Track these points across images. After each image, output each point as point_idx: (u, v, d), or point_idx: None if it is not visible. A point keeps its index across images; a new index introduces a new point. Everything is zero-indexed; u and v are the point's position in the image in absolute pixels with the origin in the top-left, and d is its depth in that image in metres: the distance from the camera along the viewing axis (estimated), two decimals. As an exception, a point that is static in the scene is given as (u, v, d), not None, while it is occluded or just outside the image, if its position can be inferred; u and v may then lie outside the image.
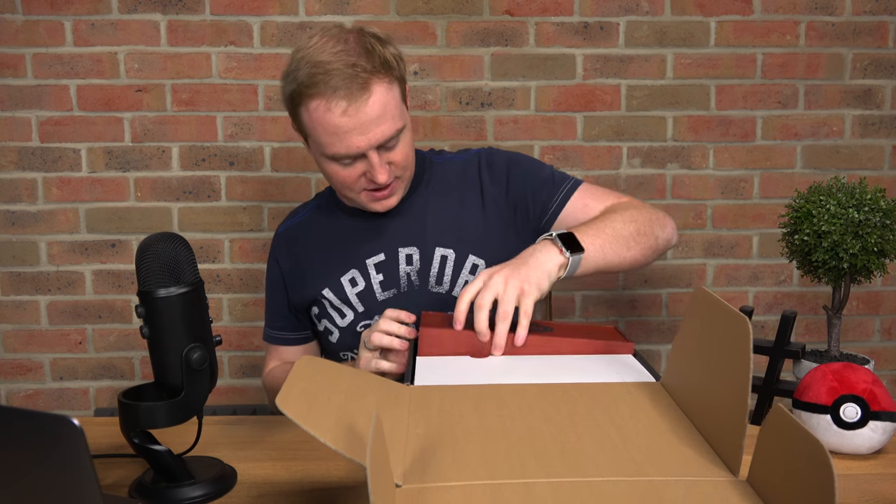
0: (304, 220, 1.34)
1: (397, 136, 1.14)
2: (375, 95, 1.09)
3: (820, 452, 0.49)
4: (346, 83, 1.07)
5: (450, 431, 0.67)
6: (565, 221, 1.23)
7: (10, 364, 1.91)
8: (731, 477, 0.60)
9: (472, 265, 1.23)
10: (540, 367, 0.88)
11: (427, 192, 1.27)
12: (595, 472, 0.60)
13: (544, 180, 1.27)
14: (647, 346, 1.99)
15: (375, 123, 1.10)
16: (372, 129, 1.10)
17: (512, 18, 1.86)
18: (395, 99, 1.13)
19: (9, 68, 1.81)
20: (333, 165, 1.15)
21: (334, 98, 1.07)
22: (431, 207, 1.26)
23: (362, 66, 1.08)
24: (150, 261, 0.82)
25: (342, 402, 0.66)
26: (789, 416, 0.54)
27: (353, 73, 1.07)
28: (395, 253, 1.24)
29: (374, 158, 1.12)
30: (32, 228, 1.87)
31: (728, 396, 0.64)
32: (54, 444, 0.51)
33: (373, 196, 1.18)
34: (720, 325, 0.68)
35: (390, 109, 1.11)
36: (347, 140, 1.10)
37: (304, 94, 1.10)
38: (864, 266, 1.03)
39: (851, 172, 1.94)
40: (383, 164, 1.14)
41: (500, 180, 1.27)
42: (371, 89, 1.08)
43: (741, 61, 1.89)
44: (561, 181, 1.27)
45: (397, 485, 0.58)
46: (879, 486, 0.85)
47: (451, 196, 1.27)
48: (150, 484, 0.85)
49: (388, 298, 1.23)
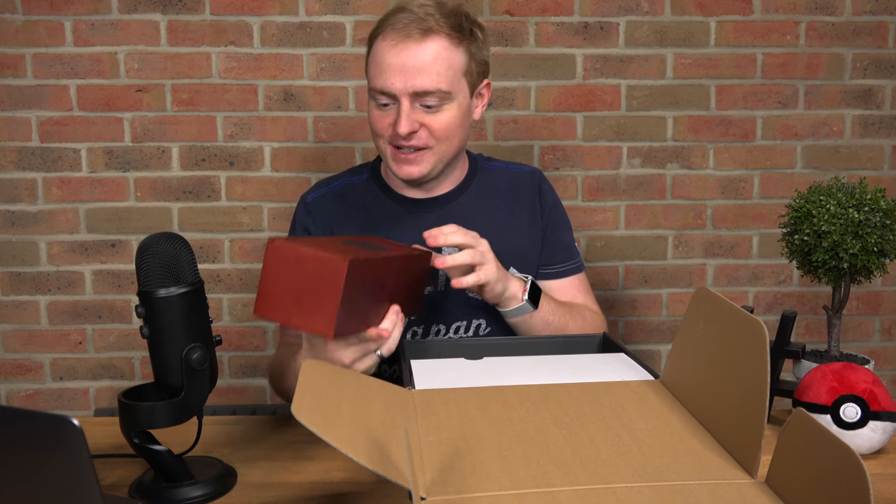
0: (338, 192, 1.28)
1: (441, 100, 1.12)
2: (430, 45, 1.10)
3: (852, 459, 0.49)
4: (410, 24, 1.09)
5: (462, 438, 0.67)
6: (547, 286, 1.27)
7: (10, 364, 1.91)
8: (750, 479, 0.60)
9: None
10: (538, 366, 0.88)
11: (473, 195, 1.27)
12: (617, 479, 0.60)
13: (565, 244, 1.31)
14: (647, 346, 1.99)
15: (418, 70, 1.09)
16: (412, 73, 1.09)
17: (512, 18, 1.85)
18: (453, 63, 1.12)
19: (9, 68, 1.81)
20: (373, 106, 1.16)
21: (393, 31, 1.10)
22: (475, 212, 1.24)
23: (434, 18, 1.10)
24: (150, 261, 0.82)
25: (352, 410, 0.66)
26: (814, 421, 0.54)
27: (420, 18, 1.09)
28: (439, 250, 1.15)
29: (404, 104, 1.11)
30: (32, 228, 1.87)
31: (741, 398, 0.64)
32: (54, 444, 0.51)
33: (397, 155, 1.15)
34: (728, 326, 0.68)
35: (440, 67, 1.10)
36: (386, 74, 1.10)
37: (377, 31, 1.14)
38: (864, 266, 1.03)
39: (851, 172, 1.94)
40: (411, 118, 1.11)
41: (545, 212, 1.30)
42: (429, 37, 1.10)
43: (741, 61, 1.89)
44: (572, 256, 1.31)
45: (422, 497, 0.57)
46: (879, 486, 0.85)
47: (497, 204, 1.27)
48: (150, 484, 0.85)
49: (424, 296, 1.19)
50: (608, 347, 1.01)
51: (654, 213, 1.94)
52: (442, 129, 1.13)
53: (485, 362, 0.91)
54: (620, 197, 1.93)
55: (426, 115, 1.12)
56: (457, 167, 1.25)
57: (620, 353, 0.94)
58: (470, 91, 1.17)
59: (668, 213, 1.94)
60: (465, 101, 1.16)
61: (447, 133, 1.14)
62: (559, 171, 1.91)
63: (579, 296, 1.29)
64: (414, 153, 1.14)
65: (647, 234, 1.95)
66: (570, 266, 1.30)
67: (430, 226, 1.13)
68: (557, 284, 1.28)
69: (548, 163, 1.91)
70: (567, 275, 1.29)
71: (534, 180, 1.30)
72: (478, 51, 1.16)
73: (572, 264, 1.30)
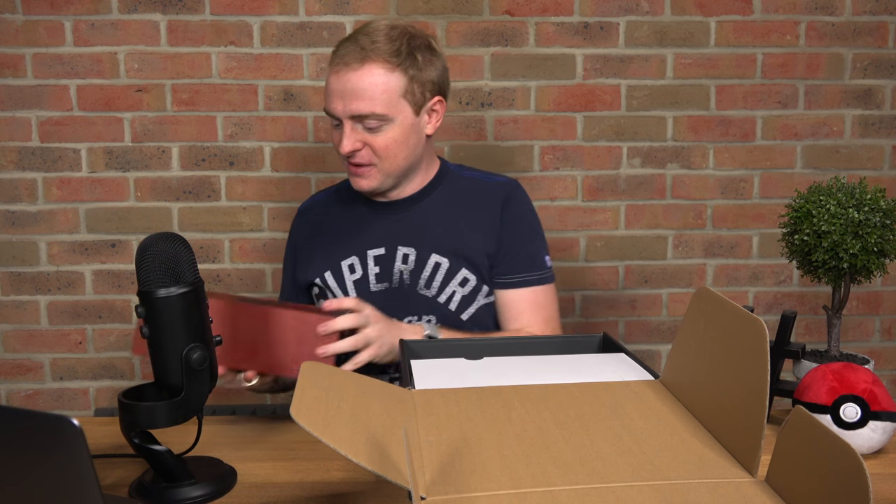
0: (323, 199, 1.42)
1: (379, 122, 1.20)
2: (367, 72, 1.18)
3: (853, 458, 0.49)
4: (351, 52, 1.19)
5: (462, 437, 0.67)
6: (499, 296, 1.30)
7: (10, 364, 1.91)
8: (750, 477, 0.60)
9: (462, 278, 1.28)
10: (538, 366, 0.88)
11: (438, 200, 1.32)
12: (616, 478, 0.60)
13: (527, 255, 1.31)
14: (647, 346, 1.99)
15: (355, 95, 1.18)
16: (350, 99, 1.19)
17: (512, 18, 1.85)
18: (389, 87, 1.19)
19: (9, 68, 1.81)
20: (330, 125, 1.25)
21: (337, 59, 1.21)
22: (438, 215, 1.30)
23: (375, 47, 1.19)
24: (150, 261, 0.82)
25: (352, 411, 0.66)
26: (814, 420, 0.54)
27: (360, 48, 1.19)
28: (395, 249, 1.29)
29: (346, 126, 1.21)
30: (32, 228, 1.87)
31: (741, 397, 0.64)
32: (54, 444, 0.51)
33: (350, 168, 1.26)
34: (729, 325, 0.68)
35: (378, 92, 1.19)
36: (330, 99, 1.21)
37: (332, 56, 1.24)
38: (864, 266, 1.03)
39: (851, 172, 1.94)
40: (352, 138, 1.21)
41: (506, 221, 1.31)
42: (366, 64, 1.18)
43: (741, 61, 1.89)
44: (535, 267, 1.31)
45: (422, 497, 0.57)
46: (879, 486, 0.85)
47: (463, 210, 1.31)
48: (150, 484, 0.85)
49: (380, 291, 1.29)
50: (608, 347, 1.01)
51: (654, 213, 1.94)
52: (383, 148, 1.22)
53: (485, 362, 0.91)
54: (620, 197, 1.93)
55: (368, 134, 1.22)
56: (416, 176, 1.32)
57: (620, 353, 0.94)
58: (415, 110, 1.24)
59: (668, 213, 1.94)
60: (406, 120, 1.23)
61: (388, 151, 1.23)
62: (559, 171, 1.91)
63: (526, 312, 1.29)
64: (361, 168, 1.25)
65: (647, 234, 1.95)
66: (529, 277, 1.30)
67: (392, 226, 1.29)
68: (509, 296, 1.30)
69: (548, 163, 1.91)
70: (525, 285, 1.30)
71: (504, 190, 1.33)
72: (418, 72, 1.22)
73: (533, 275, 1.30)
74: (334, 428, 0.61)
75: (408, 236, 1.29)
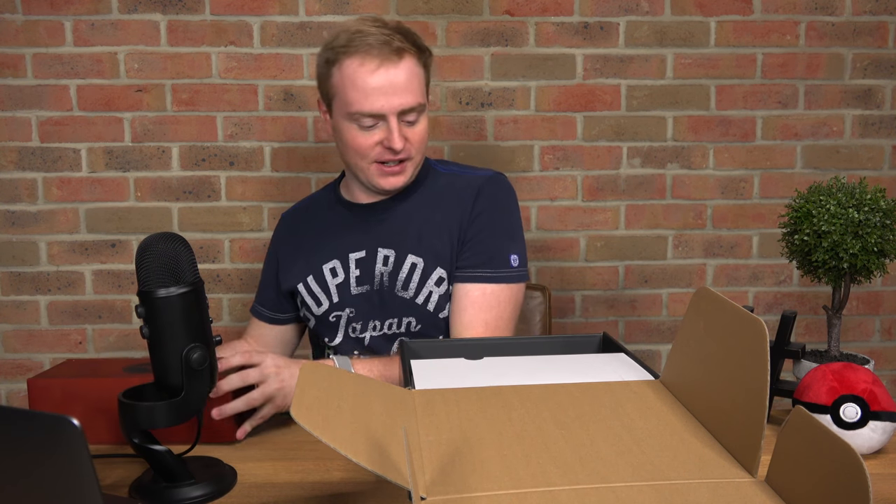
0: (305, 205, 1.41)
1: (419, 114, 1.20)
2: (406, 64, 1.17)
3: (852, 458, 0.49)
4: (381, 46, 1.15)
5: (463, 437, 0.67)
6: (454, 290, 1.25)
7: (10, 364, 1.91)
8: (750, 477, 0.60)
9: (438, 277, 1.25)
10: (538, 366, 0.88)
11: (418, 199, 1.30)
12: (616, 478, 0.60)
13: (488, 250, 1.25)
14: (647, 346, 1.99)
15: (403, 89, 1.16)
16: (398, 93, 1.16)
17: (512, 18, 1.85)
18: (421, 78, 1.20)
19: (9, 68, 1.81)
20: (353, 129, 1.20)
21: (368, 56, 1.15)
22: (416, 215, 1.28)
23: (398, 38, 1.16)
24: (150, 261, 0.82)
25: (352, 411, 0.66)
26: (814, 420, 0.54)
27: (387, 40, 1.15)
28: (375, 252, 1.28)
29: (393, 123, 1.17)
30: (32, 228, 1.87)
31: (741, 397, 0.63)
32: (54, 444, 0.51)
33: (382, 169, 1.22)
34: (729, 325, 0.68)
35: (416, 84, 1.18)
36: (373, 98, 1.15)
37: (340, 54, 1.17)
38: (864, 266, 1.03)
39: (851, 172, 1.94)
40: (402, 133, 1.19)
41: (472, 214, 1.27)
42: (403, 57, 1.17)
43: (741, 61, 1.89)
44: (494, 264, 1.24)
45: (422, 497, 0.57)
46: (879, 486, 0.85)
47: (439, 208, 1.28)
48: (150, 484, 0.85)
49: (361, 294, 1.28)
50: (608, 347, 1.01)
51: (654, 213, 1.94)
52: (420, 139, 1.23)
53: (485, 362, 0.91)
54: (620, 197, 1.93)
55: (408, 128, 1.21)
56: None
57: (620, 353, 0.94)
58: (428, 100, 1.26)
59: (668, 213, 1.94)
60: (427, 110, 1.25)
61: (424, 142, 1.24)
62: (559, 171, 1.91)
63: (468, 310, 1.22)
64: (398, 165, 1.22)
65: (647, 234, 1.95)
66: (482, 273, 1.24)
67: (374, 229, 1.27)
68: (457, 290, 1.24)
69: (548, 163, 1.91)
70: (480, 281, 1.23)
71: (477, 183, 1.29)
72: (425, 56, 1.23)
73: (488, 272, 1.24)
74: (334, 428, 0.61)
75: (388, 238, 1.27)
